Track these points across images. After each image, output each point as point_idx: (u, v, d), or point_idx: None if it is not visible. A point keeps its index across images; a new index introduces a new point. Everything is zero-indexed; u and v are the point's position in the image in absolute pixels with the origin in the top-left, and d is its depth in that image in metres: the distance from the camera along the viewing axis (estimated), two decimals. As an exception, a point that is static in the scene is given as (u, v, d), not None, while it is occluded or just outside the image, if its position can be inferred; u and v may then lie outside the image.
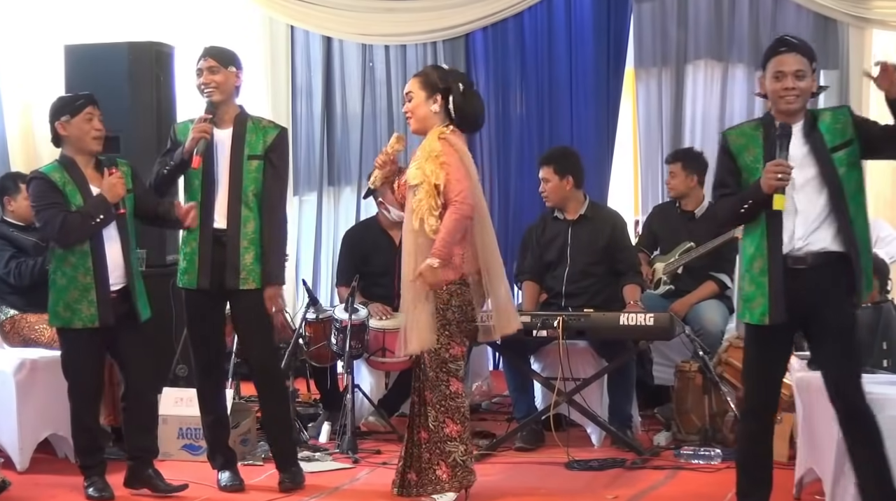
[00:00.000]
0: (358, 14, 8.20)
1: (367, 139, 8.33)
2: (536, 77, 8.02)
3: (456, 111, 4.76)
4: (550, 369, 5.89)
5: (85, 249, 4.80)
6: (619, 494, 4.97)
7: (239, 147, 5.00)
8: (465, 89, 4.79)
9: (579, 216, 6.12)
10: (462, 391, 4.76)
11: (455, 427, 4.72)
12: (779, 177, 3.99)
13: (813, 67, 4.13)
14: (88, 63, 6.51)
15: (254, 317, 5.06)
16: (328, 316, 6.14)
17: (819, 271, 4.07)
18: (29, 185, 4.94)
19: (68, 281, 4.81)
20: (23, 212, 6.02)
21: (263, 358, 5.13)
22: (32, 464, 5.49)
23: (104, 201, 4.81)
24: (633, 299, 5.91)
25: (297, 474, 5.14)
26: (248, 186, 4.98)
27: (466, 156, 4.74)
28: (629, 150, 8.28)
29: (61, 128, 4.85)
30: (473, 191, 4.70)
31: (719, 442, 5.70)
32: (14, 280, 5.82)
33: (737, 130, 4.29)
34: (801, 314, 4.11)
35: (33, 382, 5.51)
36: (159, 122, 6.49)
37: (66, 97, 4.97)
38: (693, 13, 7.77)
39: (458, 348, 4.75)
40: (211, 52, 5.06)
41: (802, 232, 4.08)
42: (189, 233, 5.02)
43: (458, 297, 4.72)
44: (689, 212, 6.64)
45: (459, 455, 4.72)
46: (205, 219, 4.98)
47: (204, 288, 4.99)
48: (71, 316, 4.83)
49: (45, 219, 4.81)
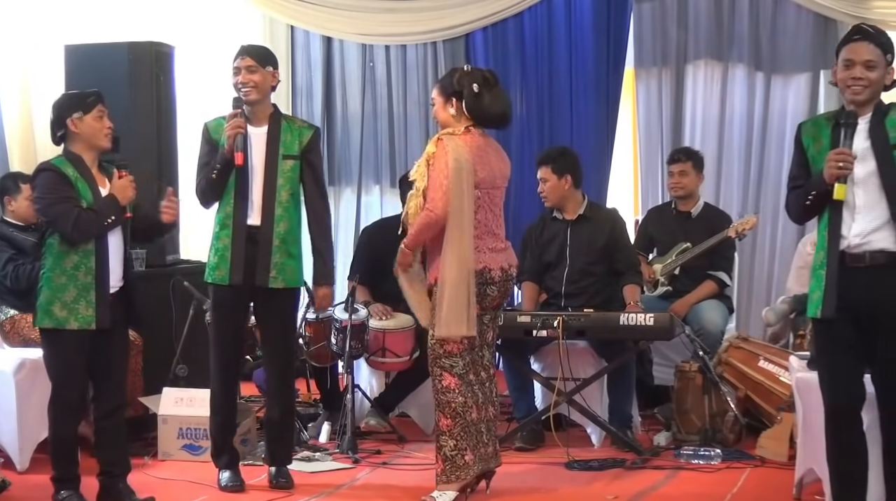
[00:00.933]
0: (358, 14, 8.20)
1: (367, 139, 8.32)
2: (536, 77, 8.01)
3: (469, 112, 4.82)
4: (550, 369, 5.90)
5: (89, 248, 4.69)
6: (619, 494, 4.97)
7: (274, 146, 5.02)
8: (481, 89, 4.82)
9: (578, 216, 6.12)
10: (456, 386, 4.77)
11: (446, 422, 4.77)
12: (839, 165, 3.91)
13: (888, 59, 4.00)
14: (88, 63, 6.51)
15: (279, 317, 5.11)
16: (328, 316, 6.14)
17: (877, 272, 3.96)
18: (37, 176, 4.78)
19: (68, 278, 4.67)
20: (23, 213, 6.02)
21: (282, 358, 5.18)
22: (32, 464, 5.48)
23: (116, 202, 4.73)
24: (634, 299, 5.92)
25: (289, 476, 5.17)
26: (283, 186, 5.01)
27: (458, 158, 4.71)
28: (629, 150, 8.28)
29: (73, 125, 4.75)
30: (449, 198, 4.68)
31: (719, 442, 5.70)
32: (11, 283, 5.82)
33: (811, 121, 4.23)
34: (858, 312, 4.00)
35: (33, 382, 5.49)
36: (159, 122, 6.49)
37: (76, 94, 4.88)
38: (693, 13, 7.76)
39: (453, 344, 4.78)
40: (249, 50, 5.07)
41: (860, 229, 3.98)
42: (222, 229, 5.03)
43: None
44: (686, 213, 6.64)
45: (448, 449, 4.76)
46: (238, 216, 4.99)
47: (236, 283, 5.00)
48: (67, 315, 4.66)
49: (58, 213, 4.67)
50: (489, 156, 4.87)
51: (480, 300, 4.80)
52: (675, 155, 6.74)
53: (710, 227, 6.48)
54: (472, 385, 4.83)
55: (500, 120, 4.95)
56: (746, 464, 5.41)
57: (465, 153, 4.75)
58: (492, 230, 4.87)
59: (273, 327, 5.14)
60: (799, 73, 7.65)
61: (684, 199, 6.65)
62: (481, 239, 4.82)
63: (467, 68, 4.94)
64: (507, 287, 4.99)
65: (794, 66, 7.66)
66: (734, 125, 7.75)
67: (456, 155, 4.73)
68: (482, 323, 4.89)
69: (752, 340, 6.25)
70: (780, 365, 5.75)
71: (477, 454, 4.81)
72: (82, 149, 4.79)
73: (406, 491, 5.05)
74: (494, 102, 4.87)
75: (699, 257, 6.44)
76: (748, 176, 7.71)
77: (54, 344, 4.74)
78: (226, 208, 5.03)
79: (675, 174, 6.63)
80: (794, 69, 7.66)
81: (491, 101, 4.86)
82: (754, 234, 7.61)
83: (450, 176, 4.70)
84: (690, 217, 6.62)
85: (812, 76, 7.61)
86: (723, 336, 6.28)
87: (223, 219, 5.04)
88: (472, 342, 4.85)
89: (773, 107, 7.69)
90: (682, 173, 6.60)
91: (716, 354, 6.06)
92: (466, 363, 4.82)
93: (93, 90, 4.91)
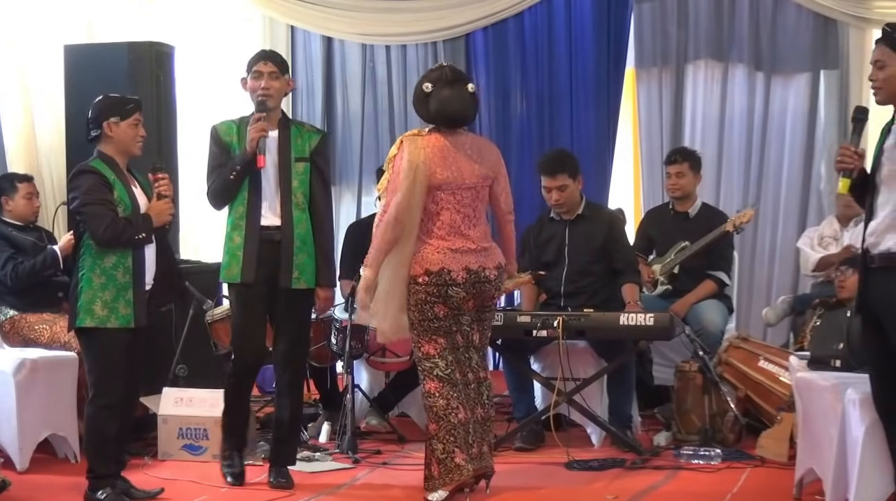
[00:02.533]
0: (358, 14, 8.20)
1: (367, 139, 8.33)
2: (536, 77, 8.02)
3: (416, 111, 4.90)
4: (550, 369, 5.89)
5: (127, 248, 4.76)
6: (619, 494, 4.96)
7: (286, 149, 5.08)
8: (433, 89, 4.80)
9: (577, 216, 6.12)
10: (436, 390, 4.76)
11: (432, 426, 4.79)
12: (837, 159, 3.94)
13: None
14: (88, 63, 6.52)
15: (298, 317, 5.15)
16: (328, 316, 6.14)
17: (883, 274, 3.95)
18: (78, 177, 4.77)
19: (107, 278, 4.71)
20: (20, 212, 6.05)
21: (299, 358, 5.23)
22: (32, 464, 5.48)
23: (150, 222, 4.78)
24: (633, 299, 5.91)
25: (289, 476, 5.17)
26: (298, 188, 5.07)
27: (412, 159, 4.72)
28: (629, 150, 8.28)
29: (108, 128, 4.78)
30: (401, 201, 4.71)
31: (719, 442, 5.70)
32: (10, 282, 5.83)
33: None
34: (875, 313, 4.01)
35: (33, 382, 5.50)
36: (159, 122, 6.50)
37: (116, 98, 4.89)
38: (693, 13, 7.76)
39: (428, 346, 4.79)
40: (272, 56, 5.15)
41: (874, 228, 3.99)
42: (234, 229, 5.06)
43: (413, 296, 4.78)
44: (683, 213, 6.64)
45: (439, 452, 4.76)
46: (252, 217, 5.03)
47: (248, 281, 5.02)
48: (108, 314, 4.70)
49: (94, 214, 4.69)
50: (456, 157, 4.81)
51: (444, 300, 4.79)
52: (672, 156, 6.71)
53: (708, 227, 6.47)
54: (457, 385, 4.81)
55: (448, 120, 4.84)
56: (746, 464, 5.41)
57: (422, 155, 4.74)
58: (460, 231, 4.83)
59: (292, 327, 5.15)
60: (799, 73, 7.66)
61: (682, 200, 6.64)
62: (445, 239, 4.80)
63: (435, 65, 4.96)
64: (481, 288, 4.86)
65: (794, 66, 7.67)
66: (734, 125, 7.75)
67: (411, 156, 4.73)
68: (460, 323, 4.86)
69: (752, 340, 6.25)
70: (780, 365, 5.75)
71: (469, 453, 4.80)
72: (114, 153, 4.83)
73: (406, 491, 5.04)
74: (444, 102, 4.79)
75: (698, 255, 6.43)
76: (748, 176, 7.71)
77: (95, 343, 4.77)
78: (238, 209, 5.06)
79: (672, 175, 6.61)
80: (794, 69, 7.67)
81: (440, 102, 4.79)
82: (754, 234, 7.62)
83: (407, 180, 4.71)
84: (688, 217, 6.62)
85: (812, 76, 7.61)
86: (723, 336, 6.28)
87: (236, 219, 5.07)
88: (450, 341, 4.84)
89: (773, 107, 7.70)
90: (678, 174, 6.59)
91: (716, 354, 6.06)
92: (449, 362, 4.80)
93: (133, 97, 4.98)
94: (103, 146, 4.83)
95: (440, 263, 4.78)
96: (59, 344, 5.77)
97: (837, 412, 4.30)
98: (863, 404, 4.16)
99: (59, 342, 5.77)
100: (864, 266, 4.04)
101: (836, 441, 4.29)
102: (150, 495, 4.97)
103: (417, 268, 4.78)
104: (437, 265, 4.77)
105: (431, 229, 4.81)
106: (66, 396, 5.60)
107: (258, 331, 5.14)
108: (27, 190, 6.09)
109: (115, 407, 4.79)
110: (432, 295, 4.78)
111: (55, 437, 5.66)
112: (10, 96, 7.11)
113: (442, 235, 4.80)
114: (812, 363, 4.88)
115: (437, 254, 4.78)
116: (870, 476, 4.14)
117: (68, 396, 5.60)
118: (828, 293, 6.15)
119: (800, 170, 7.64)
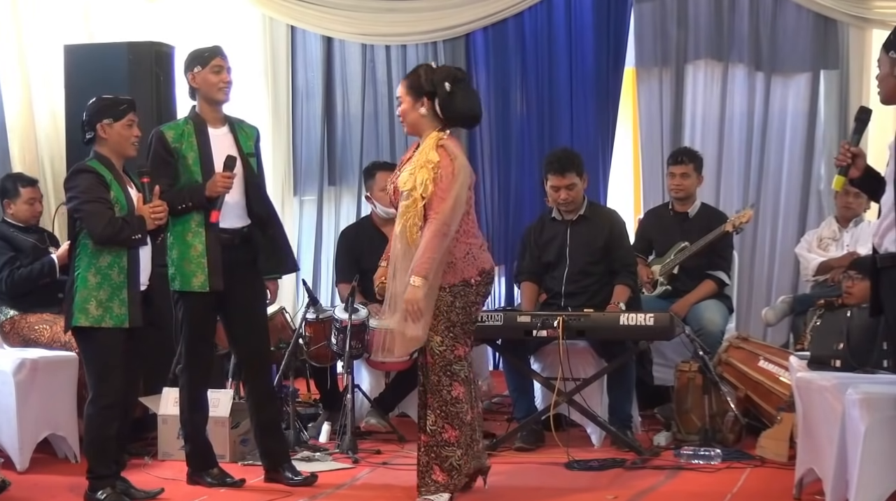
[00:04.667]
0: (358, 14, 8.20)
1: (367, 139, 8.32)
2: (536, 77, 8.02)
3: (442, 112, 4.69)
4: (550, 369, 5.89)
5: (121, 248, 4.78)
6: (619, 494, 4.96)
7: (238, 145, 5.09)
8: (453, 87, 4.68)
9: (578, 216, 6.12)
10: (463, 397, 4.69)
11: (454, 433, 4.67)
12: (835, 156, 3.96)
13: (892, 56, 3.91)
14: (88, 63, 6.52)
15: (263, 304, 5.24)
16: (328, 316, 6.14)
17: (887, 274, 3.93)
18: (76, 177, 4.80)
19: (102, 278, 4.73)
20: (23, 214, 6.05)
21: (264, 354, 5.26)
22: (32, 464, 5.49)
23: (144, 224, 4.79)
24: (618, 299, 5.91)
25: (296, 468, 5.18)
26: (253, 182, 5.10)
27: (460, 163, 4.65)
28: (629, 150, 8.28)
29: (102, 130, 4.80)
30: (456, 208, 4.60)
31: (719, 442, 5.70)
32: (5, 288, 5.83)
33: None
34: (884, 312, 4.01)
35: (33, 382, 5.51)
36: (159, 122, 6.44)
37: (109, 99, 4.90)
38: (693, 13, 7.76)
39: (463, 349, 4.72)
40: (224, 52, 5.11)
41: (877, 227, 4.00)
42: (194, 236, 5.00)
43: (462, 299, 4.68)
44: (683, 214, 6.64)
45: (456, 459, 4.69)
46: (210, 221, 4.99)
47: (217, 288, 4.99)
48: (103, 314, 4.72)
49: (92, 212, 4.71)
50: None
51: (484, 299, 4.82)
52: (678, 156, 6.69)
53: (707, 227, 6.48)
54: (471, 384, 4.80)
55: (472, 120, 4.84)
56: (746, 464, 5.41)
57: (461, 157, 4.69)
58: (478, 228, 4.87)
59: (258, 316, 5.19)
60: (799, 73, 7.66)
61: (682, 200, 6.64)
62: (477, 237, 4.80)
63: (434, 65, 4.83)
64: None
65: (794, 66, 7.67)
66: (734, 125, 7.76)
67: (461, 161, 4.66)
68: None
69: (752, 340, 6.25)
70: (780, 365, 5.75)
71: (470, 453, 4.79)
72: (110, 153, 4.85)
73: (406, 491, 5.03)
74: (466, 101, 4.74)
75: (698, 255, 6.44)
76: (748, 176, 7.71)
77: (91, 343, 4.79)
78: (195, 216, 4.99)
79: (677, 176, 6.61)
80: (794, 69, 7.67)
81: (463, 100, 4.72)
82: (754, 234, 7.62)
83: (456, 183, 4.60)
84: (688, 217, 6.62)
85: (812, 76, 7.61)
86: (723, 336, 6.28)
87: (194, 226, 5.00)
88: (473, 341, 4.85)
89: (773, 107, 7.70)
90: (683, 175, 6.59)
91: (716, 354, 6.06)
92: (469, 364, 4.80)
93: (127, 98, 4.98)
94: (99, 147, 4.86)
95: (488, 261, 4.78)
96: (59, 344, 5.77)
97: (837, 412, 4.29)
98: (863, 404, 4.15)
99: (59, 342, 5.77)
100: (874, 266, 4.04)
101: (836, 441, 4.28)
102: (150, 495, 4.96)
103: (471, 270, 4.67)
104: (487, 263, 4.76)
105: (470, 229, 4.74)
106: (66, 396, 5.60)
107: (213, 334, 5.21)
108: (30, 195, 6.09)
109: (116, 407, 4.79)
110: (481, 295, 4.75)
111: (55, 437, 5.66)
112: (11, 96, 7.11)
113: (475, 232, 4.79)
114: (812, 363, 4.87)
115: (484, 253, 4.77)
116: (870, 476, 4.13)
117: (68, 396, 5.61)
118: (829, 292, 6.15)
119: (800, 170, 7.64)
